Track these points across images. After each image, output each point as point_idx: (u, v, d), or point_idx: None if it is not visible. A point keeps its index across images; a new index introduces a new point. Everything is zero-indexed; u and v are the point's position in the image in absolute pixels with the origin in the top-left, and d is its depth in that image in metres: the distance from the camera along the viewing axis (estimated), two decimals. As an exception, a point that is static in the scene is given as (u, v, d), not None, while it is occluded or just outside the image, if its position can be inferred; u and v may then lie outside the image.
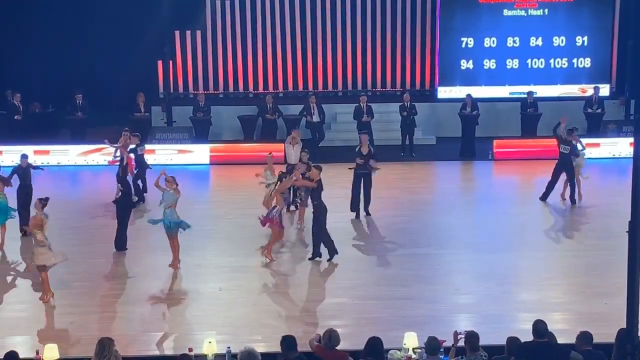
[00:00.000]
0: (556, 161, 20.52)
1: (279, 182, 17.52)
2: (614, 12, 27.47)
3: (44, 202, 15.04)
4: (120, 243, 17.23)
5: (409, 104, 25.35)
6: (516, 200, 20.94)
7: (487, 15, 27.19)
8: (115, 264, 16.86)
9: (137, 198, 19.52)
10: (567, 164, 20.31)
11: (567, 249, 16.91)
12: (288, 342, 10.03)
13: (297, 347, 10.06)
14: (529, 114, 26.00)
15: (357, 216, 19.37)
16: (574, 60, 27.43)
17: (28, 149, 24.14)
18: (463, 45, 27.28)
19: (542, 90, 27.13)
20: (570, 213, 19.97)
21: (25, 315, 14.39)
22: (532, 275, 15.93)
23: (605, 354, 10.44)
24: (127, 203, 17.55)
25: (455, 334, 10.91)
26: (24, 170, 18.74)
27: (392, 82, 28.35)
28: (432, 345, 10.46)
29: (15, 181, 18.42)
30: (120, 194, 17.45)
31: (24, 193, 18.36)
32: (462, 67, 27.39)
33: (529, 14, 27.17)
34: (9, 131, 25.23)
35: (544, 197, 20.53)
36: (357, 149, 19.60)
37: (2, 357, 10.30)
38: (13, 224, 17.92)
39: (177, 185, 16.42)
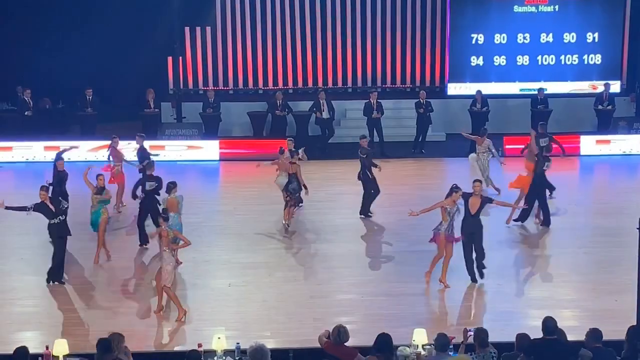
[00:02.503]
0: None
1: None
2: (625, 9, 27.37)
3: (164, 215, 14.36)
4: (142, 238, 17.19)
5: (425, 100, 25.29)
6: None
7: (498, 12, 27.11)
8: (126, 259, 16.89)
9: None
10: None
11: (577, 246, 16.87)
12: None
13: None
14: (539, 111, 25.92)
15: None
16: (585, 57, 27.32)
17: (38, 145, 24.29)
18: (473, 42, 27.21)
19: (553, 87, 27.04)
20: (580, 210, 19.89)
21: (36, 310, 14.44)
22: (542, 272, 15.91)
23: (616, 351, 10.42)
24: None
25: (465, 330, 10.91)
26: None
27: (402, 78, 28.30)
28: (441, 342, 10.46)
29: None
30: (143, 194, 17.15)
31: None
32: (473, 64, 27.32)
33: (540, 10, 27.08)
34: (20, 127, 25.29)
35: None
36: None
37: (12, 352, 10.34)
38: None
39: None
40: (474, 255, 15.17)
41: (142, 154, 19.97)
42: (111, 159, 20.05)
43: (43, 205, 15.35)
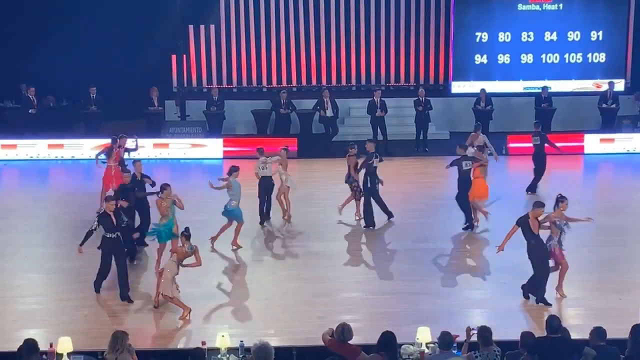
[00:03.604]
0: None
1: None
2: (629, 7, 27.33)
3: (186, 234, 14.22)
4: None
5: (424, 98, 25.30)
6: (530, 195, 20.86)
7: (502, 10, 27.09)
8: (130, 258, 16.88)
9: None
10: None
11: (581, 244, 16.83)
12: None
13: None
14: (544, 109, 25.91)
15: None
16: (589, 55, 27.31)
17: (42, 143, 24.31)
18: (477, 40, 27.20)
19: (557, 85, 27.02)
20: (584, 209, 19.87)
21: (40, 308, 14.44)
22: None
23: (619, 350, 10.41)
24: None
25: (468, 329, 10.91)
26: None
27: (406, 76, 28.28)
28: (445, 340, 10.45)
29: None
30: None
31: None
32: (477, 62, 27.31)
33: (544, 8, 27.07)
34: (24, 125, 25.29)
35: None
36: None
37: (17, 349, 10.36)
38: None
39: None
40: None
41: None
42: (106, 157, 19.42)
43: (106, 216, 14.72)
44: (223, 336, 11.30)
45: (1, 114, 25.97)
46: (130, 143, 19.78)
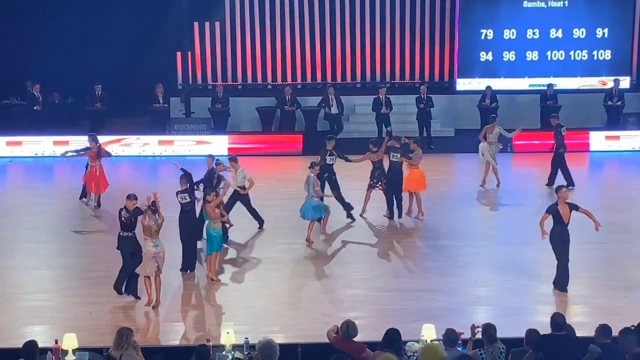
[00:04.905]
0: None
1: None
2: (635, 4, 27.28)
3: (152, 208, 14.16)
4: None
5: (425, 95, 25.28)
6: (535, 192, 20.85)
7: (507, 7, 27.05)
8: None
9: None
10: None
11: (586, 242, 16.81)
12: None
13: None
14: (549, 106, 25.86)
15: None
16: (594, 52, 27.26)
17: (47, 140, 24.33)
18: (482, 37, 27.16)
19: (562, 83, 26.97)
20: (589, 206, 19.82)
21: (45, 304, 14.45)
22: (551, 268, 15.84)
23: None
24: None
25: (473, 326, 10.89)
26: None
27: (411, 74, 28.26)
28: (450, 337, 10.45)
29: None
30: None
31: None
32: (482, 59, 27.28)
33: (549, 5, 27.01)
34: (29, 122, 25.33)
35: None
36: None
37: (21, 346, 10.37)
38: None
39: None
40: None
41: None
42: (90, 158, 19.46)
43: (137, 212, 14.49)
44: (228, 333, 11.30)
45: (6, 111, 26.00)
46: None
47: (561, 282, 14.81)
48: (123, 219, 14.38)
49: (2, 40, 26.22)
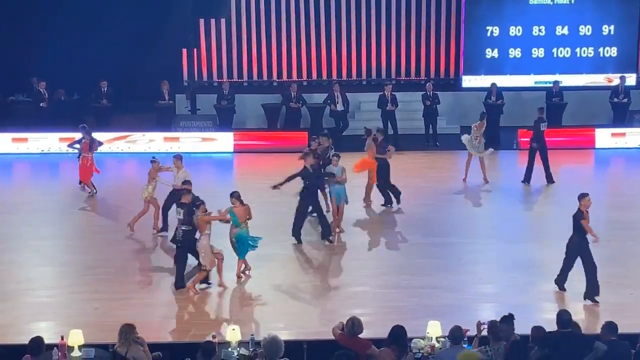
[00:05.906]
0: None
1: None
2: (641, 1, 27.22)
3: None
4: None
5: (431, 93, 25.27)
6: (541, 190, 20.84)
7: (513, 4, 27.00)
8: (140, 251, 16.94)
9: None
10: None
11: (592, 239, 16.80)
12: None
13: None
14: (555, 104, 25.83)
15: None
16: (600, 50, 27.18)
17: (53, 136, 24.36)
18: (488, 34, 27.11)
19: (568, 80, 26.92)
20: (595, 203, 19.81)
21: (51, 300, 14.49)
22: (556, 266, 15.82)
23: (630, 345, 10.39)
24: None
25: (479, 324, 10.89)
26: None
27: (417, 70, 28.22)
28: (455, 335, 10.46)
29: None
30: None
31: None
32: (487, 56, 27.23)
33: (555, 2, 26.94)
34: (35, 119, 25.34)
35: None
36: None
37: (27, 342, 10.39)
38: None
39: None
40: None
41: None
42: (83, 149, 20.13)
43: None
44: (234, 329, 11.32)
45: (12, 108, 26.03)
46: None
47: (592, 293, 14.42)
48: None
49: (8, 37, 26.25)
